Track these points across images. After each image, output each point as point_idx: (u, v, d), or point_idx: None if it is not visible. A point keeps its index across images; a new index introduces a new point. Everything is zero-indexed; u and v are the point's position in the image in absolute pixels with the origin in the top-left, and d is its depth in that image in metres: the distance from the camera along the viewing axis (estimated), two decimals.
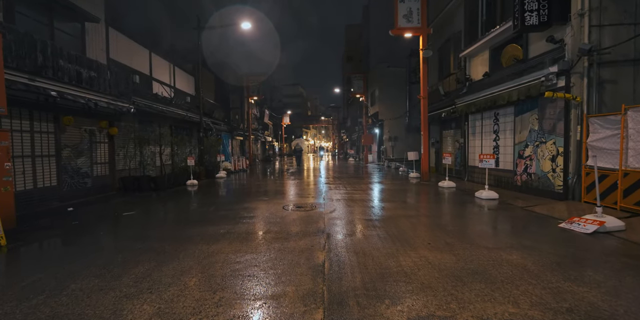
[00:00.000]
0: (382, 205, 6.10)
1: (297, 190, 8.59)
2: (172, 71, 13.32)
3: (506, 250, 3.41)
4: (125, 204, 7.12)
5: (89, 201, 7.51)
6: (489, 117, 8.66)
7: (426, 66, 9.90)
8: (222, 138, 19.09)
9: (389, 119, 23.06)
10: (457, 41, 10.70)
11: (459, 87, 10.32)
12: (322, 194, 7.83)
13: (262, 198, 7.32)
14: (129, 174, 9.51)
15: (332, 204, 6.35)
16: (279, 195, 7.69)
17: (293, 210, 5.74)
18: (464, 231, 4.27)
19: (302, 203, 6.46)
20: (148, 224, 5.23)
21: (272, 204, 6.49)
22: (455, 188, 8.61)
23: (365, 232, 4.21)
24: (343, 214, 5.36)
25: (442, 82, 11.60)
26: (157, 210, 6.38)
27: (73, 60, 6.86)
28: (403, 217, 5.06)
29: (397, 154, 23.10)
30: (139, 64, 10.77)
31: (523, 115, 7.25)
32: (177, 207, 6.72)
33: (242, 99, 22.91)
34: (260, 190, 8.84)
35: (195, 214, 5.74)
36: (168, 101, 11.86)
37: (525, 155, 7.21)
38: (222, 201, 7.16)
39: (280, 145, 45.80)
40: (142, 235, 4.31)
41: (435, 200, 6.97)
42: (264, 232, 4.28)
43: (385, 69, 23.10)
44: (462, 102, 9.38)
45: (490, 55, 8.56)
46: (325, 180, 11.06)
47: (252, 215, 5.36)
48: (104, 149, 8.76)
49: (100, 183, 8.54)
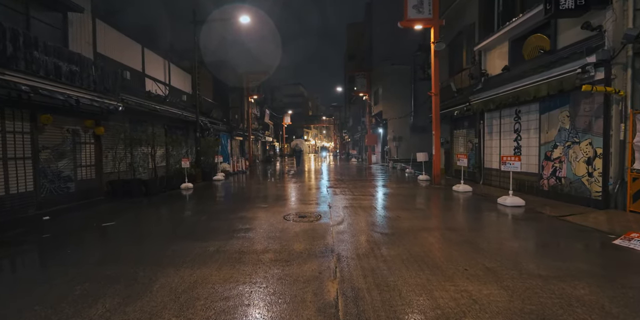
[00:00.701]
0: (396, 215, 5.38)
1: (299, 196, 7.88)
2: (167, 68, 12.63)
3: (567, 280, 2.69)
4: (109, 211, 6.42)
5: (71, 208, 6.82)
6: (509, 115, 7.94)
7: (438, 60, 9.18)
8: (221, 138, 18.40)
9: (393, 118, 22.33)
10: (470, 34, 9.97)
11: (473, 83, 9.60)
12: (326, 200, 7.11)
13: (260, 205, 6.61)
14: (118, 177, 8.82)
15: (339, 212, 5.64)
16: (280, 202, 6.99)
17: (295, 220, 5.03)
18: (501, 250, 3.55)
19: (305, 212, 5.74)
20: (127, 237, 4.52)
21: (272, 212, 5.78)
22: (472, 193, 7.89)
23: (384, 251, 3.50)
24: (353, 226, 4.64)
25: (454, 78, 10.88)
26: (142, 220, 5.68)
27: (50, 52, 6.16)
28: (423, 231, 4.34)
29: (402, 154, 22.37)
30: (130, 60, 10.09)
31: (551, 113, 6.52)
32: (165, 216, 6.02)
33: (242, 98, 22.22)
34: (259, 195, 8.13)
35: (184, 225, 5.04)
36: (162, 99, 11.16)
37: (553, 157, 6.48)
38: (217, 208, 6.45)
39: (281, 146, 45.09)
40: (115, 255, 3.60)
41: (454, 207, 6.24)
42: (261, 251, 3.57)
43: (389, 67, 22.37)
44: (477, 99, 8.66)
45: (511, 48, 7.83)
46: (329, 184, 10.34)
47: (248, 228, 4.65)
48: (89, 150, 8.06)
49: (86, 187, 7.84)
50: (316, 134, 76.48)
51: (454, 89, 10.24)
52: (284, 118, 41.41)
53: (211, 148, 13.41)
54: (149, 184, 8.90)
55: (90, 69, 7.21)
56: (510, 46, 7.85)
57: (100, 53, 8.64)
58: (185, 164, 10.22)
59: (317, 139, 76.75)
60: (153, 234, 4.53)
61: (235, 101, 21.99)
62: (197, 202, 7.66)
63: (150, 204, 7.26)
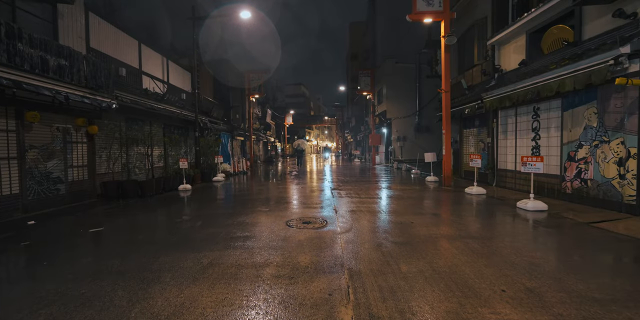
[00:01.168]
0: (409, 220, 4.91)
1: (302, 198, 7.43)
2: (165, 65, 12.23)
3: (630, 306, 2.22)
4: (100, 215, 6.00)
5: (60, 211, 6.40)
6: (526, 113, 7.45)
7: (449, 55, 8.71)
8: (222, 138, 17.99)
9: (398, 118, 21.85)
10: (481, 28, 9.50)
11: (485, 79, 9.12)
12: (331, 203, 6.66)
13: (261, 209, 6.16)
14: (112, 178, 8.41)
15: (346, 217, 5.18)
16: (282, 205, 6.54)
17: (299, 227, 4.57)
18: (536, 264, 3.08)
19: (310, 216, 5.29)
20: (114, 246, 4.09)
21: (273, 217, 5.33)
22: (486, 195, 7.41)
23: (402, 266, 3.04)
24: (363, 234, 4.18)
25: (464, 74, 10.40)
26: (133, 225, 5.24)
27: (36, 45, 5.75)
28: (444, 240, 3.88)
29: (406, 154, 21.89)
30: (126, 56, 9.69)
31: (575, 109, 6.03)
32: (158, 221, 5.58)
33: (243, 97, 21.82)
34: (260, 197, 7.69)
35: (177, 231, 4.60)
36: (160, 97, 10.76)
37: (578, 158, 5.99)
38: (214, 212, 6.01)
39: (283, 146, 44.68)
40: (96, 268, 3.16)
41: (470, 212, 5.77)
42: (261, 265, 3.12)
43: (393, 65, 21.90)
44: (491, 96, 8.18)
45: (528, 41, 7.35)
46: (333, 185, 9.89)
47: (247, 235, 4.20)
48: (81, 150, 7.65)
49: (77, 189, 7.43)
50: (318, 134, 76.07)
51: (465, 86, 9.76)
52: (286, 118, 41.01)
53: (211, 148, 12.99)
54: (145, 185, 8.49)
55: (81, 64, 6.79)
56: (527, 39, 7.37)
57: (94, 48, 8.24)
58: (183, 164, 9.80)
59: (318, 139, 76.31)
60: (142, 242, 4.09)
61: (236, 100, 21.58)
62: (194, 205, 7.23)
63: (144, 207, 6.83)
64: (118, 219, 5.66)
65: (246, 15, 11.85)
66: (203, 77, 16.15)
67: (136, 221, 5.51)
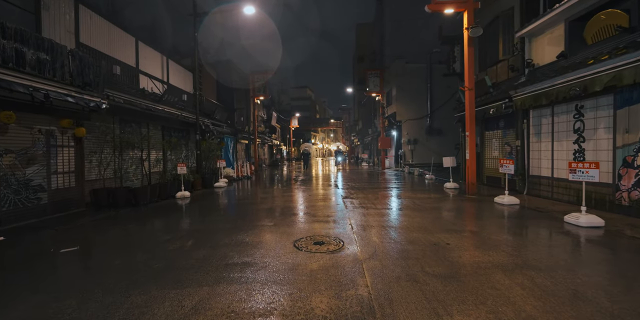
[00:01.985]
0: (444, 241, 4.05)
1: (311, 209, 6.60)
2: (165, 65, 11.58)
3: None
4: (81, 228, 5.24)
5: (39, 223, 5.67)
6: (566, 112, 6.56)
7: (472, 49, 7.86)
8: (225, 141, 17.31)
9: (408, 120, 20.97)
10: (507, 20, 8.65)
11: (513, 75, 8.25)
12: (344, 215, 5.82)
13: (264, 222, 5.34)
14: (103, 185, 7.68)
15: (365, 236, 4.34)
16: (288, 217, 5.72)
17: (310, 250, 3.74)
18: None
19: (322, 234, 4.46)
20: (78, 275, 3.30)
21: (279, 234, 4.51)
22: (521, 206, 6.51)
23: (457, 317, 2.19)
24: (392, 262, 3.33)
25: (487, 71, 9.52)
26: (114, 244, 4.46)
27: (10, 36, 5.07)
28: (498, 271, 3.01)
29: (418, 158, 20.96)
30: (121, 54, 9.03)
31: (633, 107, 5.13)
32: (145, 238, 4.79)
33: (247, 99, 21.16)
34: (264, 207, 6.88)
35: (162, 255, 3.80)
36: (158, 98, 10.07)
37: (637, 164, 5.08)
38: (211, 227, 5.21)
39: (289, 149, 43.96)
40: (44, 313, 2.37)
41: (513, 229, 4.87)
42: (261, 314, 2.29)
43: (403, 66, 21.07)
44: (521, 93, 7.30)
45: (568, 30, 6.48)
46: (343, 193, 9.04)
47: (246, 262, 3.39)
48: (68, 154, 6.94)
49: (62, 198, 6.71)
50: (323, 138, 75.35)
51: (489, 84, 8.89)
52: (291, 121, 40.34)
53: (212, 152, 12.26)
54: (139, 192, 7.75)
55: (65, 59, 6.11)
56: (567, 28, 6.50)
57: (85, 44, 7.57)
58: (181, 169, 9.06)
59: (324, 142, 75.55)
60: (117, 270, 3.30)
61: (240, 102, 20.93)
62: (190, 216, 6.45)
63: (135, 219, 6.07)
64: (100, 235, 4.89)
65: (250, 11, 11.17)
66: (206, 78, 15.52)
67: (120, 238, 4.73)
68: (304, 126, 48.87)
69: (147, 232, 5.10)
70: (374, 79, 20.46)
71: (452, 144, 20.77)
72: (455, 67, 11.32)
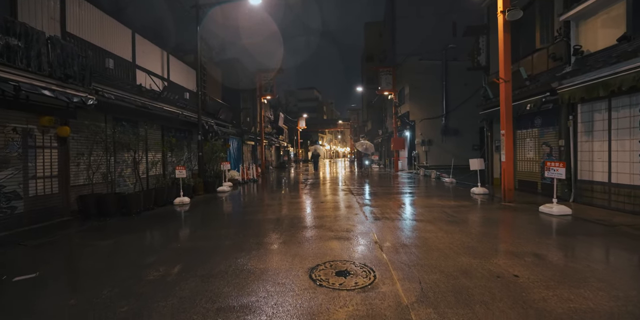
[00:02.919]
0: (510, 271, 3.07)
1: (327, 220, 5.66)
2: (165, 60, 10.81)
3: None
4: (54, 245, 4.39)
5: (10, 237, 4.85)
6: (629, 105, 5.50)
7: (509, 36, 6.85)
8: (230, 142, 16.52)
9: (422, 119, 19.90)
10: (546, 3, 7.61)
11: (555, 65, 7.21)
12: (367, 229, 4.87)
13: (271, 240, 4.42)
14: (92, 191, 6.88)
15: (401, 261, 3.38)
16: (300, 233, 4.79)
17: (332, 286, 2.79)
18: None
19: (344, 258, 3.51)
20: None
21: (289, 257, 3.58)
22: (574, 217, 5.47)
23: None
24: (452, 309, 2.37)
25: (520, 62, 8.47)
26: (80, 270, 3.60)
27: None
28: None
29: (432, 160, 19.87)
30: (116, 46, 8.25)
31: None
32: (120, 262, 3.88)
33: (254, 99, 20.38)
34: (271, 218, 5.96)
35: (134, 291, 2.90)
36: (156, 95, 9.28)
37: None
38: (204, 246, 4.31)
39: (296, 151, 43.12)
40: None
41: (592, 252, 3.84)
42: None
43: (417, 63, 20.03)
44: (569, 85, 6.27)
45: (632, 8, 5.44)
46: (360, 199, 8.08)
47: (244, 304, 2.46)
48: (50, 157, 6.15)
49: (43, 206, 5.91)
50: (331, 139, 74.40)
51: (524, 76, 7.84)
52: (299, 122, 39.51)
53: (215, 153, 11.42)
54: (131, 199, 6.90)
55: (43, 47, 5.31)
56: (630, 6, 5.45)
57: (72, 33, 6.79)
58: (180, 173, 8.21)
59: (332, 143, 74.55)
60: (69, 315, 2.41)
61: (247, 102, 20.16)
62: (184, 229, 5.57)
63: (120, 231, 5.21)
64: (72, 254, 4.04)
65: (256, 1, 10.34)
66: (210, 76, 14.76)
67: (93, 259, 3.86)
68: (311, 127, 47.99)
69: (129, 250, 4.23)
70: (386, 76, 19.46)
71: (469, 145, 19.63)
72: (481, 59, 10.29)
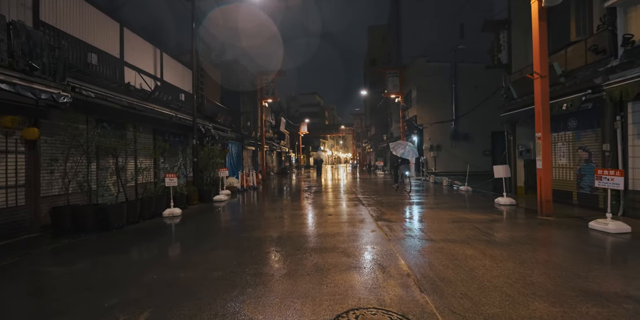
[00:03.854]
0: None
1: (339, 240, 4.73)
2: (159, 58, 10.02)
3: None
4: (3, 273, 3.48)
5: None
6: None
7: (545, 24, 5.99)
8: (230, 148, 15.66)
9: (431, 124, 19.03)
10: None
11: (596, 59, 6.35)
12: (391, 252, 3.94)
13: (272, 271, 3.50)
14: (67, 202, 5.98)
15: (454, 308, 2.45)
16: (308, 259, 3.86)
17: None
18: None
19: (373, 304, 2.57)
20: None
21: (298, 300, 2.65)
22: (633, 235, 4.53)
23: None
24: None
25: (551, 58, 7.60)
26: (12, 314, 2.68)
27: None
28: None
29: (441, 166, 18.95)
30: (101, 40, 7.46)
31: None
32: (70, 304, 2.97)
33: (255, 102, 19.59)
34: (271, 238, 5.03)
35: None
36: (146, 95, 8.44)
37: None
38: (186, 278, 3.38)
39: (298, 156, 42.25)
40: None
41: None
42: None
43: (424, 65, 19.27)
44: (619, 80, 5.39)
45: None
46: (373, 211, 7.16)
47: None
48: (15, 163, 5.28)
49: (5, 221, 5.02)
50: (333, 145, 73.63)
51: (559, 72, 6.97)
52: (301, 127, 38.74)
53: (212, 159, 10.54)
54: (113, 211, 6.00)
55: (1, 32, 4.48)
56: None
57: (47, 23, 5.98)
58: (170, 181, 7.32)
59: (333, 149, 73.73)
60: None
61: (247, 106, 19.38)
62: (167, 250, 4.64)
63: (89, 253, 4.30)
64: (10, 290, 3.11)
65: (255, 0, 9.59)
66: (208, 78, 13.99)
67: (34, 298, 2.94)
68: (313, 133, 47.24)
69: (90, 283, 3.30)
70: (393, 78, 18.68)
71: (480, 150, 18.69)
72: (501, 57, 9.45)
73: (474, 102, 17.40)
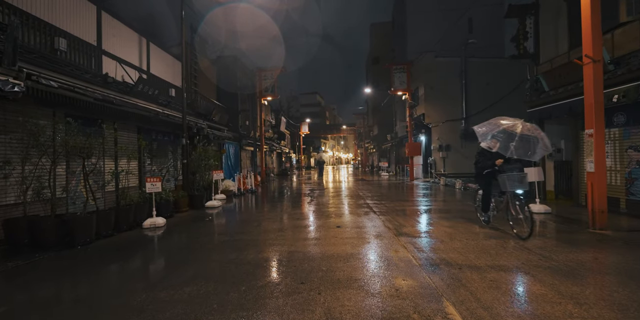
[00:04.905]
0: None
1: (358, 270, 3.71)
2: (145, 48, 9.03)
3: None
4: None
5: None
6: None
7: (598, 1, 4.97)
8: (227, 148, 14.65)
9: (439, 123, 18.01)
10: None
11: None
12: (434, 293, 2.93)
13: (272, 316, 2.47)
14: (25, 213, 4.97)
15: None
16: (318, 306, 2.84)
17: None
18: None
19: None
20: None
21: None
22: None
23: None
24: None
25: None
26: None
27: None
28: None
29: (450, 167, 17.90)
30: (73, 24, 6.47)
31: None
32: None
33: (254, 101, 18.60)
34: (268, 261, 4.01)
35: None
36: (128, 88, 7.44)
37: None
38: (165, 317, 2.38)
39: (298, 157, 41.23)
40: None
41: None
42: None
43: (432, 61, 18.23)
44: None
45: None
46: (391, 224, 6.13)
47: None
48: None
49: None
50: (334, 145, 72.61)
51: (607, 60, 5.94)
52: (301, 127, 37.70)
53: (204, 161, 9.52)
54: (79, 224, 4.99)
55: None
56: None
57: None
58: (152, 186, 6.31)
59: (334, 149, 72.70)
60: None
61: (246, 104, 18.38)
62: (132, 283, 3.62)
63: (34, 283, 3.28)
64: None
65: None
66: (204, 73, 13.00)
67: None
68: (313, 133, 46.21)
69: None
70: (400, 74, 17.65)
71: None
72: (528, 45, 8.43)
73: (485, 100, 16.37)
